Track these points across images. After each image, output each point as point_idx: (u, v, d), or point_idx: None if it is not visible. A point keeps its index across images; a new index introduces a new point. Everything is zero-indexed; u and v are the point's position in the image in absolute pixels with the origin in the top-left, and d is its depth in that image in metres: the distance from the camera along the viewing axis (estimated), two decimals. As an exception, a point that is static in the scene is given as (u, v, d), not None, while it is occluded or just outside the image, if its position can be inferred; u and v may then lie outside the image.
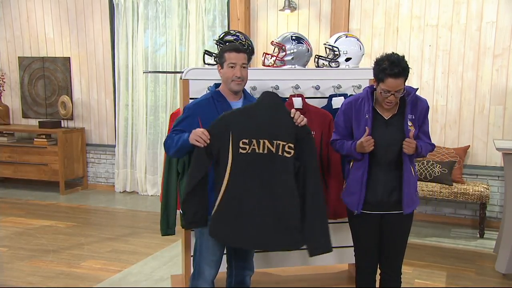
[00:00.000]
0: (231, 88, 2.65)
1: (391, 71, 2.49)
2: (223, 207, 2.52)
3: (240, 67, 2.61)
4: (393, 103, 2.59)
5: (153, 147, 6.63)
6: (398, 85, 2.52)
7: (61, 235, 4.94)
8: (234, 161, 2.50)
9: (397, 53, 2.58)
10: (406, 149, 2.58)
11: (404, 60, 2.53)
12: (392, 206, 2.67)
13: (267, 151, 2.50)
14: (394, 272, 2.78)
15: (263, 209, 2.49)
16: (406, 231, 2.76)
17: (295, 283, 3.50)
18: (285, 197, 2.51)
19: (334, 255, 3.50)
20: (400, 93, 2.56)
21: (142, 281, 3.87)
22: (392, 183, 2.65)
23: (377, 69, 2.57)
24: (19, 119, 7.37)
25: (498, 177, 5.17)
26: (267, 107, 2.53)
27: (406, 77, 2.55)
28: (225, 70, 2.63)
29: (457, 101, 5.31)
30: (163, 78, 6.47)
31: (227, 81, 2.64)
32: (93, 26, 6.77)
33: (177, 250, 4.45)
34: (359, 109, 2.68)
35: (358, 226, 2.78)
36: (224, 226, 2.53)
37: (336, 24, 5.57)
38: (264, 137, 2.50)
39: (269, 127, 2.51)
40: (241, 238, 2.53)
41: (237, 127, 2.51)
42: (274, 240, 2.52)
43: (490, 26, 5.13)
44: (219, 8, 6.20)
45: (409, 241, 2.88)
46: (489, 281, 3.89)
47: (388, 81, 2.51)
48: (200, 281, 2.70)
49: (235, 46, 2.71)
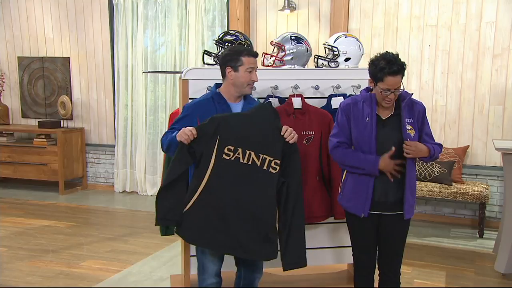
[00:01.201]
0: (244, 92, 2.67)
1: (390, 69, 2.51)
2: (196, 208, 2.53)
3: (255, 72, 2.65)
4: (392, 101, 2.61)
5: (152, 147, 6.63)
6: (397, 82, 2.54)
7: (60, 235, 4.94)
8: (216, 165, 2.51)
9: (391, 51, 2.61)
10: (408, 153, 2.57)
11: (399, 58, 2.56)
12: (389, 206, 2.67)
13: (251, 163, 2.52)
14: (393, 274, 2.77)
15: (238, 215, 2.51)
16: (403, 233, 2.74)
17: (295, 283, 3.50)
18: (263, 208, 2.53)
19: (333, 255, 3.51)
20: (399, 90, 2.59)
21: (142, 281, 3.87)
22: (388, 183, 2.64)
23: (374, 69, 2.58)
24: (18, 119, 7.37)
25: (498, 177, 5.18)
26: (260, 120, 2.54)
27: (403, 74, 2.58)
28: (241, 74, 2.62)
29: (456, 101, 5.31)
30: (163, 78, 6.47)
31: (241, 85, 2.64)
32: (93, 26, 6.76)
33: (177, 250, 4.45)
34: (358, 110, 2.68)
35: (356, 226, 2.78)
36: (194, 227, 2.55)
37: (335, 24, 5.57)
38: (251, 148, 2.51)
39: (258, 139, 2.52)
40: (210, 240, 2.54)
41: (226, 132, 2.51)
42: (245, 247, 2.53)
43: (489, 26, 5.14)
44: (218, 8, 6.20)
45: (409, 241, 2.89)
46: (488, 281, 3.89)
47: (388, 79, 2.53)
48: (206, 276, 2.74)
49: (252, 51, 2.71)
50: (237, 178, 2.51)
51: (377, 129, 2.63)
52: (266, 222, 2.54)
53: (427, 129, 2.73)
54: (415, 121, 2.67)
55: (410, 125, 2.64)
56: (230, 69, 2.63)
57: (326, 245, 3.42)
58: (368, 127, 2.62)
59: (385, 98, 2.58)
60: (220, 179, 2.51)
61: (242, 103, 2.72)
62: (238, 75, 2.62)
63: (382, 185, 2.65)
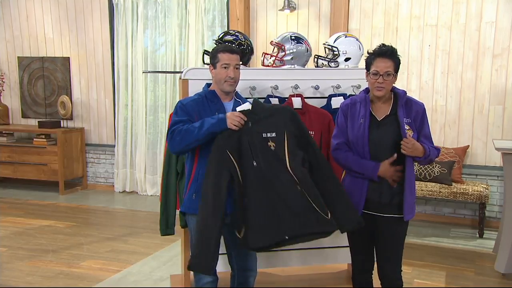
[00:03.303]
0: (223, 89, 2.65)
1: (380, 50, 2.56)
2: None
3: (234, 68, 2.62)
4: (383, 89, 2.57)
5: (152, 147, 6.63)
6: (386, 66, 2.54)
7: (60, 235, 4.94)
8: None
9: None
10: (404, 149, 2.54)
11: (393, 48, 2.58)
12: (386, 207, 2.65)
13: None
14: (393, 275, 2.75)
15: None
16: (401, 235, 2.72)
17: (295, 283, 3.51)
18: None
19: (333, 255, 3.51)
20: (390, 77, 2.56)
21: (142, 281, 3.87)
22: (384, 184, 2.63)
23: (367, 58, 2.63)
24: (18, 119, 7.37)
25: (498, 177, 5.18)
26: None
27: (396, 64, 2.57)
28: (218, 70, 2.62)
29: (456, 101, 5.31)
30: (163, 78, 6.47)
31: (219, 82, 2.64)
32: (93, 26, 6.77)
33: (177, 250, 4.45)
34: (355, 111, 2.68)
35: None
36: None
37: (335, 24, 5.58)
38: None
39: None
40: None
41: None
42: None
43: (489, 26, 5.14)
44: (218, 8, 6.20)
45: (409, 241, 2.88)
46: (488, 281, 3.89)
47: (377, 61, 2.56)
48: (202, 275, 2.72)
49: (229, 47, 2.71)
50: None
51: (370, 130, 2.61)
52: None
53: (425, 130, 2.67)
54: (412, 121, 2.64)
55: (407, 125, 2.61)
56: (211, 67, 2.67)
57: (325, 245, 3.42)
58: (361, 129, 2.61)
59: (375, 84, 2.57)
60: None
61: (233, 102, 2.72)
62: (216, 71, 2.64)
63: (378, 186, 2.63)
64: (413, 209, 2.68)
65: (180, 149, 2.57)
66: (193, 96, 2.74)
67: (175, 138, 2.53)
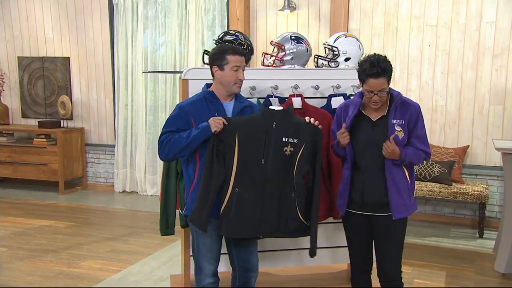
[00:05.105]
0: (232, 91, 2.65)
1: (370, 72, 2.53)
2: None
3: (243, 70, 2.64)
4: (378, 103, 2.61)
5: (152, 147, 6.63)
6: (379, 85, 2.55)
7: (60, 235, 4.94)
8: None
9: (380, 53, 2.62)
10: (384, 152, 2.59)
11: (385, 61, 2.56)
12: (380, 207, 2.66)
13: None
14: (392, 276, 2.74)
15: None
16: (398, 235, 2.71)
17: (294, 283, 3.51)
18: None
19: (333, 255, 3.51)
20: (384, 92, 2.58)
21: (142, 281, 3.87)
22: (377, 184, 2.65)
23: (359, 71, 2.62)
24: (18, 119, 7.37)
25: (498, 177, 5.18)
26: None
27: (388, 77, 2.58)
28: (227, 72, 2.61)
29: (456, 101, 5.31)
30: (163, 78, 6.47)
31: (228, 84, 2.62)
32: (93, 26, 6.76)
33: (177, 250, 4.45)
34: (348, 112, 2.74)
35: (348, 226, 2.82)
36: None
37: (335, 24, 5.58)
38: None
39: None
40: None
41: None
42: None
43: (489, 26, 5.14)
44: (218, 8, 6.20)
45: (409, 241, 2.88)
46: (488, 281, 3.89)
47: (369, 81, 2.56)
48: (203, 276, 2.75)
49: (239, 49, 2.71)
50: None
51: (364, 128, 2.67)
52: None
53: (419, 131, 2.68)
54: (406, 123, 2.65)
55: (399, 127, 2.62)
56: (216, 68, 2.64)
57: (325, 245, 3.42)
58: (348, 122, 2.68)
59: (371, 100, 2.60)
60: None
61: (233, 102, 2.71)
62: (224, 73, 2.61)
63: (368, 185, 2.66)
64: (407, 208, 2.67)
65: (169, 158, 2.71)
66: (191, 98, 2.74)
67: (164, 147, 2.64)
